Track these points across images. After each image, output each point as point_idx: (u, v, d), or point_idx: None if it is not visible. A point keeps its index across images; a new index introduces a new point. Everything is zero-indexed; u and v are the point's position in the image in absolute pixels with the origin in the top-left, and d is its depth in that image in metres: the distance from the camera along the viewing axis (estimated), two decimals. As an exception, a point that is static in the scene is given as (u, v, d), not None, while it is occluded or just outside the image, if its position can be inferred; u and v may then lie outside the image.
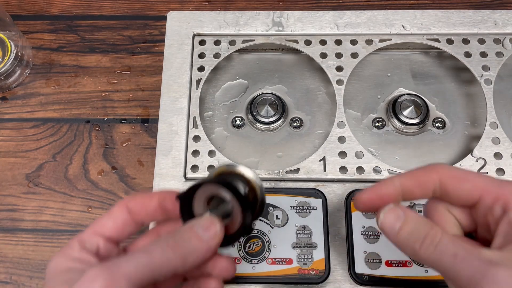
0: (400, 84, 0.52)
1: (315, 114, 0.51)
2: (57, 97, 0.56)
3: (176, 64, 0.51)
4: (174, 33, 0.52)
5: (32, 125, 0.55)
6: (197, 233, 0.30)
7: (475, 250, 0.26)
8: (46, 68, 0.58)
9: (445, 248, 0.27)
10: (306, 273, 0.42)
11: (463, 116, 0.51)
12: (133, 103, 0.56)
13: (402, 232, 0.29)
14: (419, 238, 0.28)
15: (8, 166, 0.53)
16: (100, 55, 0.58)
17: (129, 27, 0.60)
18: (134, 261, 0.28)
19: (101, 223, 0.32)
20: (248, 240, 0.43)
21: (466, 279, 0.25)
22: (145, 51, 0.58)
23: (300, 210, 0.44)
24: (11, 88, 0.57)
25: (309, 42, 0.51)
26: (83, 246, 0.31)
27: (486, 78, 0.49)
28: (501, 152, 0.46)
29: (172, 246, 0.29)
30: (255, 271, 0.42)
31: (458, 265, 0.26)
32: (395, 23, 0.52)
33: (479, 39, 0.51)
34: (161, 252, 0.28)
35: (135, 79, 0.57)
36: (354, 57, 0.50)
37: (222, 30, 0.52)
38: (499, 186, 0.28)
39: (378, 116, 0.51)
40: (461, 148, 0.49)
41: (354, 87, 0.52)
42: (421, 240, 0.28)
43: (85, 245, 0.31)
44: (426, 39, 0.51)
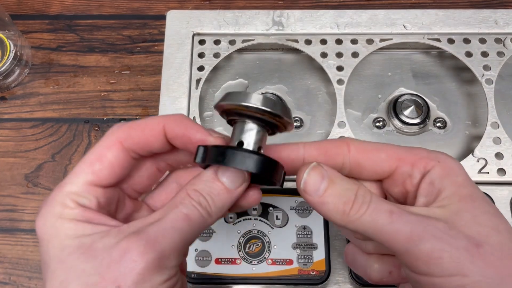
0: (400, 84, 0.52)
1: (316, 114, 0.51)
2: (56, 97, 0.56)
3: (176, 63, 0.50)
4: (173, 32, 0.52)
5: (31, 125, 0.55)
6: (225, 185, 0.27)
7: (406, 207, 0.26)
8: (45, 67, 0.58)
9: (379, 206, 0.25)
10: (306, 273, 0.42)
11: (464, 116, 0.51)
12: (133, 103, 0.56)
13: (328, 193, 0.26)
14: (349, 198, 0.25)
15: (7, 166, 0.53)
16: (99, 55, 0.58)
17: (129, 27, 0.59)
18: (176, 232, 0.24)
19: (94, 171, 0.26)
20: (248, 241, 0.43)
21: (405, 236, 0.24)
22: (144, 50, 0.58)
23: (301, 211, 0.44)
24: (10, 88, 0.57)
25: (309, 41, 0.51)
26: (79, 203, 0.25)
27: (487, 78, 0.48)
28: (502, 152, 0.46)
29: (204, 205, 0.26)
30: (255, 272, 0.42)
31: (396, 222, 0.24)
32: (396, 23, 0.51)
33: (480, 38, 0.50)
34: (199, 215, 0.25)
35: (134, 79, 0.57)
36: (355, 57, 0.50)
37: (222, 30, 0.52)
38: (412, 153, 0.28)
39: (378, 116, 0.51)
40: (462, 148, 0.49)
41: (354, 87, 0.52)
42: (351, 201, 0.25)
43: (81, 201, 0.25)
44: (427, 39, 0.51)
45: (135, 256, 0.23)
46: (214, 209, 0.26)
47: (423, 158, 0.27)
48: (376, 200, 0.25)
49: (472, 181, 0.26)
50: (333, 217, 0.26)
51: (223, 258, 0.42)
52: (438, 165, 0.27)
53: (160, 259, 0.23)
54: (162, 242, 0.24)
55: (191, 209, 0.25)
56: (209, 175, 0.27)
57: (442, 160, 0.27)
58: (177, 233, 0.24)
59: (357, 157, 0.28)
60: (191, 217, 0.25)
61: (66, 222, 0.25)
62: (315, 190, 0.26)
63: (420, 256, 0.24)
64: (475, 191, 0.26)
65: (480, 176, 0.45)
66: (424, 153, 0.28)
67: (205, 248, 0.42)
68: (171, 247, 0.24)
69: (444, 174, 0.26)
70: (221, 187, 0.26)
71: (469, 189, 0.26)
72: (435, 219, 0.24)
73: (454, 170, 0.26)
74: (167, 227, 0.24)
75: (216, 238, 0.43)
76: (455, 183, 0.26)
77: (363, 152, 0.28)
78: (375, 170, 0.28)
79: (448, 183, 0.26)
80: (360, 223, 0.25)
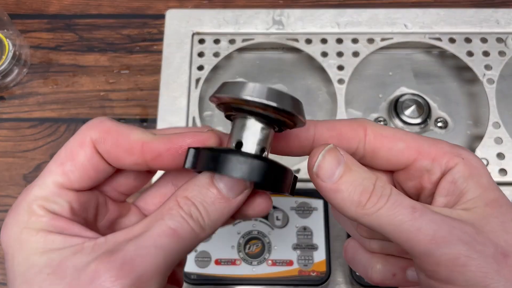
0: (401, 84, 0.52)
1: (316, 114, 0.51)
2: (55, 97, 0.56)
3: (175, 63, 0.50)
4: (173, 31, 0.52)
5: (30, 125, 0.55)
6: (222, 192, 0.23)
7: (427, 205, 0.23)
8: (44, 67, 0.57)
9: (400, 201, 0.22)
10: (306, 274, 0.41)
11: (465, 116, 0.50)
12: (132, 102, 0.55)
13: (344, 180, 0.23)
14: (367, 189, 0.22)
15: (6, 166, 0.53)
16: (98, 54, 0.58)
17: (128, 26, 0.59)
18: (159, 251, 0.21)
19: (64, 171, 0.23)
20: (248, 242, 0.42)
21: (428, 237, 0.21)
22: (144, 50, 0.58)
23: (301, 211, 0.43)
24: (8, 87, 0.56)
25: (309, 41, 0.51)
26: (48, 209, 0.22)
27: (488, 78, 0.48)
28: (503, 153, 0.45)
29: (196, 217, 0.22)
30: (255, 273, 0.41)
31: (418, 220, 0.21)
32: (396, 22, 0.51)
33: (482, 38, 0.50)
34: (189, 230, 0.22)
35: (133, 79, 0.56)
36: (356, 56, 0.50)
37: (222, 29, 0.52)
38: (435, 146, 0.25)
39: (379, 116, 0.50)
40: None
41: (355, 86, 0.51)
42: (369, 191, 0.22)
43: (50, 207, 0.22)
44: (428, 38, 0.50)
45: (107, 282, 0.19)
46: (208, 221, 0.22)
47: (446, 153, 0.24)
48: (396, 193, 0.22)
49: (495, 183, 0.24)
50: (346, 208, 0.23)
51: (223, 259, 0.42)
52: (461, 163, 0.24)
53: (137, 285, 0.20)
54: (141, 265, 0.20)
55: (180, 222, 0.21)
56: (204, 179, 0.23)
57: (466, 158, 0.24)
58: (161, 253, 0.21)
59: (373, 143, 0.25)
60: (179, 232, 0.21)
61: (33, 233, 0.21)
62: (330, 175, 0.23)
63: (443, 261, 0.21)
64: (501, 196, 0.24)
65: (481, 176, 0.45)
66: (446, 148, 0.25)
67: (205, 248, 0.42)
68: (152, 270, 0.20)
69: (469, 173, 0.24)
70: (217, 195, 0.23)
71: (495, 193, 0.24)
72: (462, 222, 0.22)
73: (479, 170, 0.24)
74: (149, 245, 0.21)
75: (216, 239, 0.43)
76: (480, 185, 0.24)
77: (381, 138, 0.25)
78: (390, 160, 0.25)
79: (472, 185, 0.24)
80: (376, 218, 0.22)
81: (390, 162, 0.26)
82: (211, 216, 0.22)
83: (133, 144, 0.23)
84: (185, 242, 0.21)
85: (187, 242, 0.22)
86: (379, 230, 0.22)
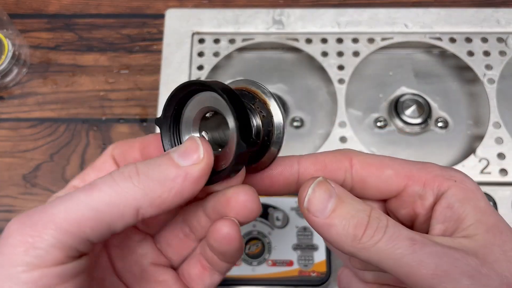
0: (402, 83, 0.51)
1: (316, 113, 0.51)
2: (54, 97, 0.56)
3: (175, 63, 0.50)
4: (173, 31, 0.52)
5: (29, 125, 0.55)
6: (172, 159, 0.21)
7: (426, 235, 0.22)
8: (43, 67, 0.57)
9: (398, 233, 0.21)
10: (307, 275, 0.41)
11: (466, 116, 0.50)
12: (131, 102, 0.55)
13: (337, 214, 0.22)
14: (362, 221, 0.21)
15: (5, 166, 0.53)
16: (98, 54, 0.58)
17: (127, 26, 0.59)
18: (67, 203, 0.20)
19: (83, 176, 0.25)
20: (248, 242, 0.42)
21: (430, 271, 0.20)
22: (143, 49, 0.58)
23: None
24: (8, 87, 0.56)
25: (310, 40, 0.51)
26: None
27: (489, 78, 0.48)
28: (504, 153, 0.45)
29: (128, 176, 0.20)
30: (255, 273, 0.41)
31: (418, 253, 0.20)
32: (397, 22, 0.51)
33: (482, 37, 0.50)
34: (112, 186, 0.20)
35: (133, 78, 0.56)
36: (356, 56, 0.50)
37: (222, 29, 0.51)
38: (424, 169, 0.24)
39: (380, 116, 0.50)
40: (463, 148, 0.49)
41: (355, 86, 0.51)
42: (364, 224, 0.21)
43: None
44: (429, 38, 0.50)
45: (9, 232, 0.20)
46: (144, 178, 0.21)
47: (437, 177, 0.24)
48: (393, 225, 0.22)
49: (491, 205, 0.24)
50: (342, 242, 0.22)
51: (223, 259, 0.42)
52: (455, 186, 0.23)
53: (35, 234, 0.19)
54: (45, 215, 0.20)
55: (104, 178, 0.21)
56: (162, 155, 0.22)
57: (459, 180, 0.23)
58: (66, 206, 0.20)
59: (360, 173, 0.24)
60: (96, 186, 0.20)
61: None
62: (322, 209, 0.22)
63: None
64: (499, 220, 0.23)
65: (482, 176, 0.45)
66: (437, 171, 0.24)
67: (205, 249, 0.42)
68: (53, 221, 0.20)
69: (464, 197, 0.23)
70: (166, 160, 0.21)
71: (494, 218, 0.22)
72: (464, 253, 0.21)
73: (474, 193, 0.23)
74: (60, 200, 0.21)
75: (216, 239, 0.42)
76: (478, 209, 0.23)
77: (368, 167, 0.24)
78: (380, 189, 0.25)
79: (470, 209, 0.23)
80: (374, 252, 0.21)
81: (381, 190, 0.25)
82: (149, 174, 0.21)
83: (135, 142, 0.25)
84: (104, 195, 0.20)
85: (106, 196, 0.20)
86: (377, 264, 0.21)
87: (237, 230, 0.23)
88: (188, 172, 0.21)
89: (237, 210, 0.23)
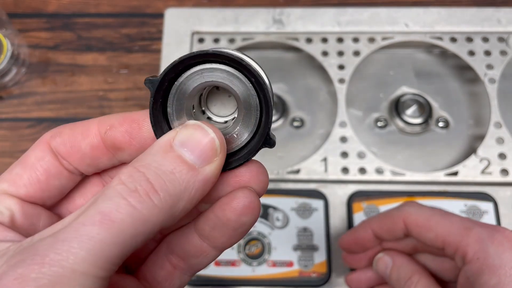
0: (402, 83, 0.51)
1: (316, 113, 0.51)
2: (53, 96, 0.55)
3: (175, 62, 0.50)
4: (172, 30, 0.51)
5: (28, 124, 0.54)
6: (184, 159, 0.18)
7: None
8: (42, 67, 0.57)
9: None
10: (307, 275, 0.41)
11: (467, 116, 0.50)
12: (131, 102, 0.55)
13: (391, 276, 0.34)
14: (404, 280, 0.32)
15: (4, 167, 0.52)
16: (97, 54, 0.57)
17: (127, 25, 0.59)
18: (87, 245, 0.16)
19: (12, 178, 0.20)
20: (248, 242, 0.42)
21: None
22: (142, 49, 0.57)
23: (301, 212, 0.43)
24: (7, 87, 0.56)
25: (310, 40, 0.50)
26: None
27: (490, 77, 0.48)
28: (505, 153, 0.45)
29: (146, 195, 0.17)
30: (255, 274, 0.41)
31: None
32: (397, 21, 0.51)
33: (483, 37, 0.50)
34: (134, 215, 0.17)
35: (132, 78, 0.56)
36: (356, 56, 0.49)
37: (222, 28, 0.51)
38: (460, 234, 0.29)
39: (380, 116, 0.50)
40: (464, 148, 0.49)
41: (356, 86, 0.51)
42: (404, 281, 0.32)
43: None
44: (429, 37, 0.50)
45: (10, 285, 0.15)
46: (166, 196, 0.17)
47: (467, 246, 0.28)
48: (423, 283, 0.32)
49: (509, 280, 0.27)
50: None
51: (223, 260, 0.42)
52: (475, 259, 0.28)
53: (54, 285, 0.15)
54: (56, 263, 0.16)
55: (115, 204, 0.17)
56: (159, 144, 0.18)
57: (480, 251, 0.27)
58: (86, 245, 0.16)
59: (410, 233, 0.32)
60: (113, 217, 0.16)
61: None
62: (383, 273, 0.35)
63: None
64: None
65: (483, 176, 0.44)
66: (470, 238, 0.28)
67: (205, 249, 0.42)
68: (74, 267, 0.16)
69: (479, 271, 0.27)
70: (178, 161, 0.18)
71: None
72: None
73: (490, 269, 0.27)
74: (69, 237, 0.16)
75: (216, 240, 0.42)
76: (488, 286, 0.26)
77: (414, 228, 0.31)
78: (428, 248, 0.32)
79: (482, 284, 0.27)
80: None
81: (430, 248, 0.32)
82: (169, 189, 0.17)
83: (89, 123, 0.21)
84: (128, 227, 0.16)
85: (130, 228, 0.16)
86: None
87: (258, 198, 0.20)
88: (207, 174, 0.18)
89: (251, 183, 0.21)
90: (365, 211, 0.43)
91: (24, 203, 0.20)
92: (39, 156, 0.21)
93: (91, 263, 0.16)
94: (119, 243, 0.16)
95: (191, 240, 0.21)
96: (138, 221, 0.17)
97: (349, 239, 0.36)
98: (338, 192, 0.44)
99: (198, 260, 0.21)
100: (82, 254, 0.16)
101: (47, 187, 0.21)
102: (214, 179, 0.19)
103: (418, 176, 0.45)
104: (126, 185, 0.17)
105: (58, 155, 0.21)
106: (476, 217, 0.43)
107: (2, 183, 0.20)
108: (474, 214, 0.43)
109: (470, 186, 0.44)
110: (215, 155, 0.18)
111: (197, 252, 0.21)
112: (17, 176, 0.20)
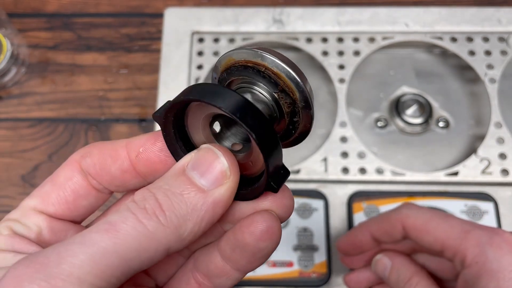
0: (403, 83, 0.51)
1: (316, 113, 0.50)
2: (53, 96, 0.55)
3: (174, 62, 0.50)
4: (172, 30, 0.51)
5: (28, 124, 0.54)
6: (193, 181, 0.18)
7: None
8: (42, 66, 0.57)
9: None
10: (307, 276, 0.41)
11: (467, 116, 0.50)
12: (130, 102, 0.55)
13: (390, 277, 0.34)
14: (403, 281, 0.32)
15: (4, 166, 0.52)
16: (96, 53, 0.57)
17: (126, 25, 0.59)
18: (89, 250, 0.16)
19: (41, 195, 0.21)
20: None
21: None
22: (142, 49, 0.57)
23: (301, 212, 0.43)
24: (6, 87, 0.56)
25: (310, 40, 0.50)
26: (13, 230, 0.20)
27: (490, 77, 0.48)
28: (505, 153, 0.45)
29: (153, 213, 0.17)
30: (255, 274, 0.41)
31: None
32: (398, 21, 0.51)
33: (483, 37, 0.50)
34: (138, 228, 0.17)
35: (132, 78, 0.56)
36: (356, 55, 0.49)
37: (222, 28, 0.51)
38: (459, 237, 0.29)
39: (380, 116, 0.50)
40: (465, 148, 0.48)
41: (356, 85, 0.51)
42: (404, 283, 0.32)
43: (17, 229, 0.20)
44: (429, 37, 0.50)
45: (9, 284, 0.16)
46: (172, 216, 0.18)
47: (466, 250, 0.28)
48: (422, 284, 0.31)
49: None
50: None
51: (223, 260, 0.42)
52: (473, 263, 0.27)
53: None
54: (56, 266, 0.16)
55: (123, 216, 0.17)
56: (174, 169, 0.19)
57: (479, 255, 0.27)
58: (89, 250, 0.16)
59: (411, 236, 0.32)
60: (119, 227, 0.17)
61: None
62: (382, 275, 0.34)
63: None
64: None
65: (483, 176, 0.44)
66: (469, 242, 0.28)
67: (204, 250, 0.42)
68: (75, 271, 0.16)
69: (477, 275, 0.27)
70: (187, 183, 0.18)
71: None
72: None
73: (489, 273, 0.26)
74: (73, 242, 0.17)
75: (216, 240, 0.42)
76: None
77: (413, 231, 0.31)
78: (427, 250, 0.32)
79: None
80: None
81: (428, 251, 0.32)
82: (176, 210, 0.18)
83: (118, 146, 0.21)
84: (132, 240, 0.17)
85: (135, 241, 0.17)
86: None
87: (279, 223, 0.20)
88: (216, 197, 0.18)
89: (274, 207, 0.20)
90: (365, 211, 0.43)
91: (52, 219, 0.21)
92: (68, 176, 0.21)
93: (89, 269, 0.16)
94: (121, 254, 0.17)
95: (214, 260, 0.21)
96: (143, 236, 0.17)
97: (347, 242, 0.36)
98: (338, 192, 0.44)
99: (220, 281, 0.21)
100: (81, 258, 0.16)
101: (75, 207, 0.21)
102: (226, 202, 0.19)
103: (419, 176, 0.45)
104: (137, 203, 0.18)
105: (88, 175, 0.21)
106: (476, 217, 0.43)
107: (33, 198, 0.21)
108: (474, 214, 0.43)
109: (471, 186, 0.44)
110: (225, 177, 0.18)
111: (220, 273, 0.21)
112: (46, 194, 0.21)
